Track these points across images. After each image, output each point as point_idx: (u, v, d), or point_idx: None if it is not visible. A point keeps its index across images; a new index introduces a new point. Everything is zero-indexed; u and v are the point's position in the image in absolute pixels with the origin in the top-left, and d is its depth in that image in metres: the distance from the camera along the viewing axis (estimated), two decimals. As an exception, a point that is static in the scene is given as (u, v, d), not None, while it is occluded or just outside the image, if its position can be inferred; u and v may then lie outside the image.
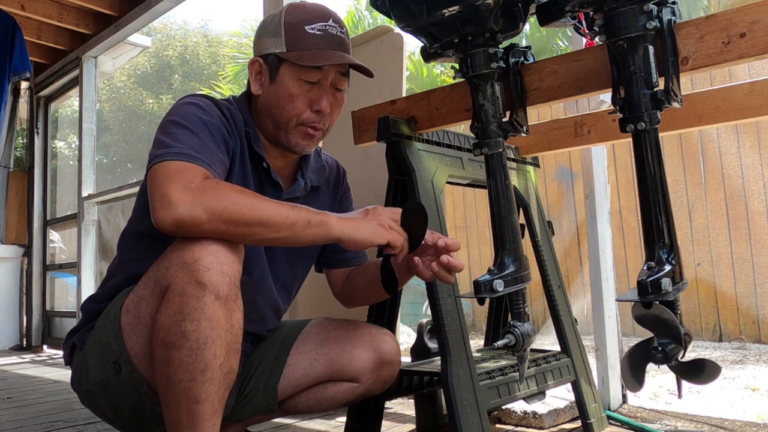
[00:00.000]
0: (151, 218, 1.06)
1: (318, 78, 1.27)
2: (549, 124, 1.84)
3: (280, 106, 1.29)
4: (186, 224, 1.04)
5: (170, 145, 1.13)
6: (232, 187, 1.10)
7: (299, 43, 1.26)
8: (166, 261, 1.10)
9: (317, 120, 1.30)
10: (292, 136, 1.30)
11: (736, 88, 1.51)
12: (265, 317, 1.39)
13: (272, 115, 1.30)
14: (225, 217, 1.05)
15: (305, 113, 1.28)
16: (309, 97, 1.28)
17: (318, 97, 1.28)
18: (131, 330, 1.17)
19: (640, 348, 1.15)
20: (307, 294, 1.53)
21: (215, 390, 1.06)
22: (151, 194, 1.08)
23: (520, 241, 1.30)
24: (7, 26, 3.91)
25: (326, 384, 1.38)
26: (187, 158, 1.10)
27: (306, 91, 1.28)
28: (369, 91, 2.05)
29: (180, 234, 1.07)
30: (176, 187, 1.05)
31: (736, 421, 1.89)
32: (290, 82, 1.27)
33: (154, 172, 1.10)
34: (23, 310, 4.63)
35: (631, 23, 1.12)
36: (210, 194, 1.05)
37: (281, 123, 1.30)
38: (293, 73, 1.27)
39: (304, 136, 1.30)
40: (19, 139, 4.87)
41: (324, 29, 1.27)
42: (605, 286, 2.02)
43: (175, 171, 1.08)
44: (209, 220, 1.04)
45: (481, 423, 1.35)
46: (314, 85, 1.28)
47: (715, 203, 4.69)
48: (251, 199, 1.08)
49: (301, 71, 1.26)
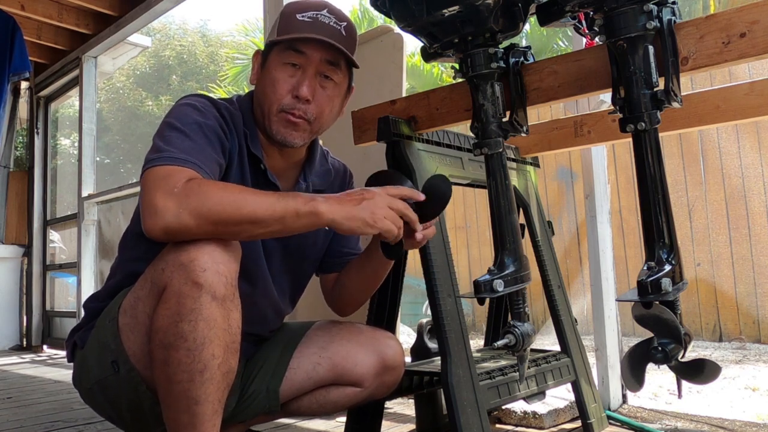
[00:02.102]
0: (142, 227, 1.06)
1: (300, 61, 1.25)
2: (549, 124, 1.84)
3: (265, 93, 1.28)
4: (174, 231, 1.04)
5: (162, 150, 1.13)
6: (216, 186, 1.08)
7: (287, 29, 1.26)
8: (162, 261, 1.09)
9: (296, 106, 1.26)
10: (274, 124, 1.27)
11: (736, 88, 1.51)
12: (266, 318, 1.39)
13: (260, 103, 1.30)
14: (212, 219, 1.04)
15: (286, 98, 1.26)
16: (291, 82, 1.26)
17: (299, 82, 1.25)
18: (129, 330, 1.17)
19: (640, 348, 1.15)
20: (307, 294, 1.53)
21: (214, 390, 1.06)
22: (141, 203, 1.09)
23: (520, 241, 1.30)
24: (6, 26, 3.91)
25: (329, 388, 1.37)
26: (175, 162, 1.10)
27: (289, 76, 1.26)
28: (369, 91, 2.05)
29: (171, 241, 1.07)
30: (160, 195, 1.04)
31: (736, 421, 1.89)
32: (274, 66, 1.27)
33: (144, 179, 1.10)
34: (23, 310, 4.63)
35: (631, 23, 1.12)
36: (193, 197, 1.04)
37: (265, 110, 1.28)
38: (278, 58, 1.27)
39: (285, 123, 1.26)
40: (19, 139, 4.87)
41: (314, 17, 1.26)
42: (605, 286, 2.02)
43: (161, 177, 1.08)
44: (197, 225, 1.04)
45: (481, 423, 1.35)
46: (297, 69, 1.26)
47: (715, 203, 4.69)
48: (236, 196, 1.06)
49: (283, 54, 1.25)
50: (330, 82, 1.29)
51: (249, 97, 1.35)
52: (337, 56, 1.27)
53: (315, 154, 1.41)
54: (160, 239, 1.06)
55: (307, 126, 1.28)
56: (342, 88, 1.33)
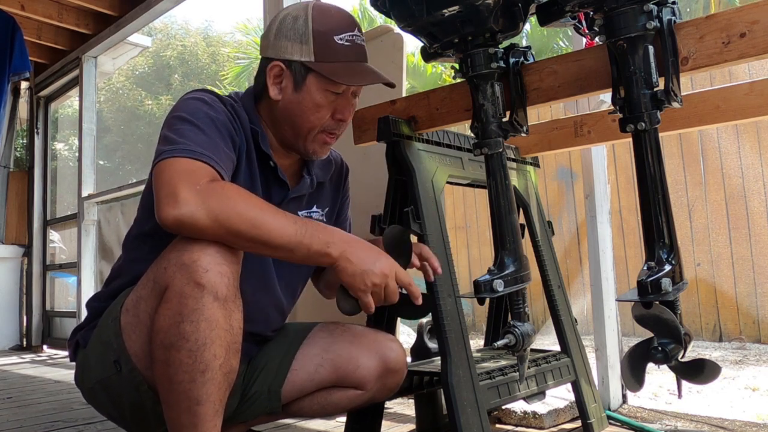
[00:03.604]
0: (155, 213, 1.06)
1: (344, 89, 1.28)
2: (549, 124, 1.84)
3: (304, 116, 1.28)
4: (188, 225, 1.04)
5: (177, 142, 1.12)
6: (239, 195, 1.08)
7: (328, 54, 1.25)
8: (165, 261, 1.10)
9: (337, 127, 1.31)
10: (310, 144, 1.31)
11: (736, 88, 1.51)
12: (269, 318, 1.39)
13: (293, 122, 1.29)
14: (227, 227, 1.05)
15: (327, 121, 1.29)
16: (333, 106, 1.28)
17: (342, 106, 1.29)
18: (131, 329, 1.17)
19: (640, 348, 1.15)
20: (307, 294, 1.53)
21: (216, 390, 1.06)
22: (158, 190, 1.07)
23: (520, 241, 1.30)
24: (7, 26, 3.91)
25: (331, 390, 1.37)
26: (195, 155, 1.10)
27: (331, 101, 1.28)
28: (369, 91, 2.05)
29: (180, 233, 1.07)
30: (184, 186, 1.04)
31: (736, 421, 1.89)
32: (317, 92, 1.26)
33: (161, 169, 1.09)
34: (23, 310, 4.63)
35: (631, 23, 1.12)
36: (215, 200, 1.05)
37: (302, 131, 1.29)
38: (321, 84, 1.26)
39: (322, 144, 1.32)
40: (19, 139, 4.87)
41: (352, 40, 1.27)
42: (605, 286, 2.02)
43: (184, 170, 1.07)
44: (211, 227, 1.04)
45: (481, 423, 1.35)
46: (339, 95, 1.28)
47: (715, 203, 4.69)
48: (257, 213, 1.07)
49: (329, 83, 1.26)
50: (356, 98, 1.34)
51: (251, 96, 1.35)
52: None
53: None
54: (170, 228, 1.06)
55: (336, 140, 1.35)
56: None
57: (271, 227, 1.07)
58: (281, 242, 1.08)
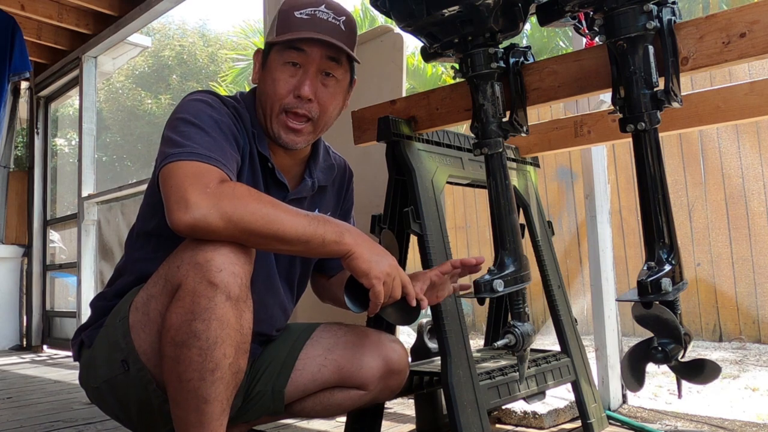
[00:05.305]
0: (167, 218, 1.06)
1: (301, 60, 1.25)
2: (549, 124, 1.84)
3: (266, 93, 1.28)
4: (202, 229, 1.04)
5: (183, 144, 1.12)
6: (250, 195, 1.08)
7: (285, 27, 1.25)
8: (178, 260, 1.09)
9: (297, 105, 1.26)
10: (275, 126, 1.28)
11: (736, 88, 1.51)
12: (273, 317, 1.39)
13: (262, 103, 1.30)
14: (241, 227, 1.05)
15: (287, 98, 1.26)
16: (292, 82, 1.25)
17: (300, 81, 1.25)
18: (140, 327, 1.17)
19: (640, 348, 1.15)
20: (307, 294, 1.53)
21: (224, 389, 1.06)
22: (167, 195, 1.07)
23: (520, 241, 1.30)
24: (7, 26, 3.91)
25: (333, 390, 1.37)
26: (202, 158, 1.10)
27: (290, 75, 1.26)
28: (369, 91, 2.06)
29: (194, 236, 1.07)
30: (194, 190, 1.04)
31: (736, 421, 1.89)
32: (275, 66, 1.26)
33: (169, 172, 1.09)
34: (23, 310, 4.63)
35: (631, 23, 1.12)
36: (227, 201, 1.05)
37: (266, 110, 1.28)
38: (278, 58, 1.26)
39: (285, 128, 1.27)
40: (19, 139, 4.87)
41: (312, 13, 1.25)
42: (605, 286, 2.02)
43: (192, 173, 1.07)
44: (225, 228, 1.04)
45: (481, 423, 1.35)
46: (298, 68, 1.26)
47: (715, 203, 4.69)
48: (269, 210, 1.07)
49: (284, 53, 1.25)
50: (332, 79, 1.29)
51: (252, 95, 1.35)
52: (338, 53, 1.27)
53: (319, 150, 1.41)
54: (183, 233, 1.06)
55: (310, 128, 1.29)
56: (344, 84, 1.33)
57: (284, 222, 1.07)
58: (296, 236, 1.08)
